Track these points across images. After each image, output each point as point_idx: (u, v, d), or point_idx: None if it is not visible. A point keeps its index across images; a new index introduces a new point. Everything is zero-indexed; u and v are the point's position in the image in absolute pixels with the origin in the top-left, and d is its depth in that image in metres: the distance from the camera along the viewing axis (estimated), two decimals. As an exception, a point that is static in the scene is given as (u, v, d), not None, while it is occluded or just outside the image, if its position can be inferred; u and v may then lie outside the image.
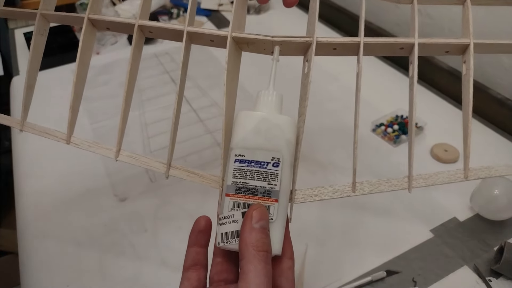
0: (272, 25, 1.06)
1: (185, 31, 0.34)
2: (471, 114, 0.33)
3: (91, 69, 0.81)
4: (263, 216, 0.28)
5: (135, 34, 0.36)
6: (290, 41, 0.34)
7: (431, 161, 0.63)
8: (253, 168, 0.29)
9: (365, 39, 0.33)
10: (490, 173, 0.35)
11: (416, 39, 0.33)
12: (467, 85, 0.33)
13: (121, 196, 0.59)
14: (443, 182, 0.34)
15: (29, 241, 0.54)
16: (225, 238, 0.29)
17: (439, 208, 0.56)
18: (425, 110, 0.70)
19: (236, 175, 0.30)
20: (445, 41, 0.33)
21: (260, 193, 0.29)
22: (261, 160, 0.29)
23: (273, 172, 0.29)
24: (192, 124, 0.73)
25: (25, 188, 0.62)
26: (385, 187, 0.34)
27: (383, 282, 0.47)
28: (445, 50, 0.34)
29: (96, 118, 0.75)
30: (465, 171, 0.34)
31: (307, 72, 0.33)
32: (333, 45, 0.34)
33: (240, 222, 0.29)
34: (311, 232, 0.53)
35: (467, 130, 0.34)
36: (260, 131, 0.30)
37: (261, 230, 0.28)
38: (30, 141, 0.69)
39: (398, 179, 0.34)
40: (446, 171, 0.35)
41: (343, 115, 0.73)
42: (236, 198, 0.29)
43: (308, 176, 0.62)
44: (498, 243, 0.50)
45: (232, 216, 0.29)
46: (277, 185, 0.29)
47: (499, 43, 0.34)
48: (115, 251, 0.52)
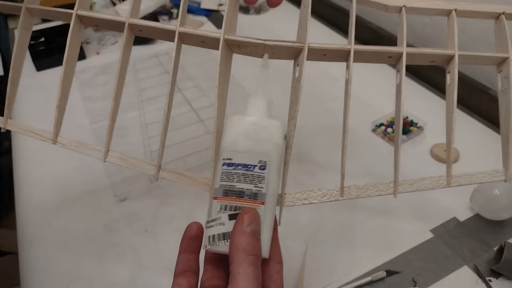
0: (272, 25, 1.06)
1: (176, 31, 0.34)
2: (455, 123, 0.34)
3: (91, 69, 0.80)
4: (254, 220, 0.28)
5: (125, 32, 0.35)
6: (282, 46, 0.34)
7: (431, 161, 0.63)
8: (240, 171, 0.30)
9: (355, 47, 0.33)
10: (472, 180, 0.36)
11: (404, 48, 0.33)
12: (451, 95, 0.34)
13: (121, 196, 0.59)
14: (427, 188, 0.35)
15: (29, 241, 0.54)
16: (212, 241, 0.29)
17: (439, 208, 0.56)
18: (425, 110, 0.70)
19: (223, 178, 0.30)
20: (431, 52, 0.34)
21: (247, 196, 0.29)
22: (248, 163, 0.30)
23: (259, 175, 0.30)
24: (192, 124, 0.73)
25: (25, 189, 0.62)
26: (372, 191, 0.35)
27: (383, 282, 0.47)
28: (431, 60, 0.36)
29: (96, 118, 0.75)
30: (447, 178, 0.35)
31: (298, 76, 0.33)
32: (323, 51, 0.34)
33: (227, 225, 0.29)
34: (311, 232, 0.53)
35: (450, 137, 0.35)
36: (249, 135, 0.30)
37: (251, 234, 0.28)
38: (30, 141, 0.69)
39: (384, 184, 0.35)
40: (430, 177, 0.36)
41: (342, 115, 0.73)
42: (223, 201, 0.30)
43: (307, 178, 0.61)
44: (498, 243, 0.50)
45: (220, 219, 0.29)
46: (264, 187, 0.30)
47: (483, 56, 0.35)
48: (115, 251, 0.52)
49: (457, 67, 0.34)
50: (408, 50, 0.34)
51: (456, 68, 0.34)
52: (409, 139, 0.68)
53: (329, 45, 0.34)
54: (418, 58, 0.35)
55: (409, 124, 0.69)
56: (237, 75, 0.84)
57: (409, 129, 0.68)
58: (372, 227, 0.54)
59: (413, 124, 0.69)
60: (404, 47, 0.34)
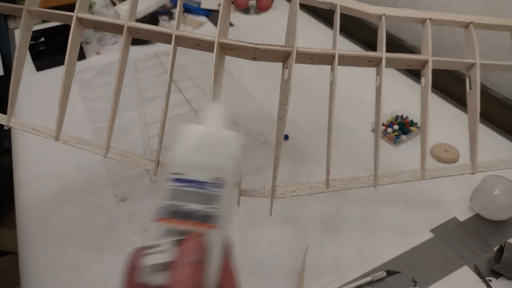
0: (272, 25, 1.06)
1: (173, 35, 0.36)
2: (428, 122, 0.37)
3: (91, 69, 0.80)
4: (200, 248, 0.25)
5: (124, 34, 0.37)
6: (272, 50, 0.36)
7: (431, 161, 0.63)
8: (189, 189, 0.26)
9: (340, 52, 0.36)
10: (443, 173, 0.40)
11: (383, 53, 0.37)
12: (425, 96, 0.38)
13: (121, 196, 0.59)
14: (404, 180, 0.39)
15: (29, 241, 0.54)
16: (150, 271, 0.25)
17: (439, 208, 0.56)
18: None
19: (169, 196, 0.26)
20: (408, 57, 0.38)
21: (196, 218, 0.25)
22: (200, 180, 0.26)
23: (213, 193, 0.26)
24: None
25: (25, 188, 0.62)
26: (355, 184, 0.38)
27: (383, 282, 0.47)
28: (408, 64, 0.39)
29: (96, 118, 0.75)
30: (421, 171, 0.39)
31: (288, 78, 0.35)
32: (310, 55, 0.36)
33: (168, 253, 0.25)
34: (311, 232, 0.53)
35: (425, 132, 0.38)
36: (202, 147, 0.26)
37: (194, 265, 0.24)
38: (30, 141, 0.69)
39: (365, 177, 0.38)
40: (406, 171, 0.39)
41: (342, 115, 0.73)
42: (167, 223, 0.25)
43: (307, 177, 0.61)
44: (498, 243, 0.50)
45: (160, 245, 0.25)
46: (218, 208, 0.26)
47: (454, 61, 0.39)
48: (115, 251, 0.52)
49: (430, 71, 0.37)
50: (387, 55, 0.37)
51: (430, 72, 0.37)
52: (409, 139, 0.68)
53: (315, 50, 0.36)
54: (396, 62, 0.38)
55: (409, 124, 0.69)
56: (237, 75, 0.84)
57: (409, 129, 0.68)
58: (372, 227, 0.54)
59: (413, 124, 0.69)
60: (383, 52, 0.37)
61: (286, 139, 0.69)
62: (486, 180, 0.54)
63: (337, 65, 0.36)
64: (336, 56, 0.36)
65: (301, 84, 0.74)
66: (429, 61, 0.37)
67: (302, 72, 0.71)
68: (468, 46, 0.40)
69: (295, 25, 0.36)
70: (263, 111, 0.75)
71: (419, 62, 0.38)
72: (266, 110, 0.75)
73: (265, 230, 0.53)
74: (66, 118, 0.39)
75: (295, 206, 0.56)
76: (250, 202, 0.42)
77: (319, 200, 0.57)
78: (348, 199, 0.57)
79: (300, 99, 0.74)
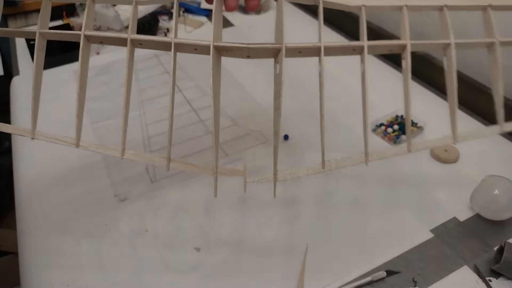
0: (271, 25, 1.06)
1: (172, 43, 0.39)
2: (411, 101, 0.42)
3: (91, 69, 0.81)
4: None
5: (128, 46, 0.41)
6: (263, 48, 0.39)
7: (431, 160, 0.63)
8: None
9: (325, 44, 0.39)
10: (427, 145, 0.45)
11: (365, 42, 0.40)
12: (406, 77, 0.41)
13: (121, 196, 0.59)
14: (391, 155, 0.43)
15: (29, 241, 0.54)
16: None
17: (439, 208, 0.56)
18: (425, 110, 0.70)
19: None
20: (388, 43, 0.42)
21: None
22: None
23: None
24: (192, 124, 0.73)
25: (25, 188, 0.62)
26: (347, 162, 0.43)
27: (383, 282, 0.47)
28: (389, 49, 0.42)
29: (96, 118, 0.75)
30: (408, 146, 0.43)
31: (279, 73, 0.38)
32: (299, 49, 0.39)
33: None
34: (311, 232, 0.53)
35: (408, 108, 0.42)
36: None
37: None
38: (30, 141, 0.69)
39: (357, 155, 0.43)
40: (393, 148, 0.46)
41: (342, 114, 0.73)
42: None
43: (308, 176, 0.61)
44: (498, 243, 0.50)
45: None
46: None
47: (431, 43, 0.42)
48: (115, 251, 0.52)
49: (409, 54, 0.41)
50: (368, 43, 0.40)
51: (409, 55, 0.41)
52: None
53: (302, 44, 0.39)
54: (378, 49, 0.42)
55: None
56: (236, 75, 0.84)
57: (409, 129, 0.68)
58: (372, 227, 0.54)
59: (413, 124, 0.69)
60: (365, 41, 0.40)
61: (286, 139, 0.69)
62: (486, 180, 0.54)
63: (323, 56, 0.39)
64: (322, 48, 0.39)
65: (302, 85, 0.74)
66: (407, 45, 0.41)
67: (303, 73, 0.72)
68: (443, 28, 0.43)
69: (282, 24, 0.39)
70: (263, 111, 0.75)
71: (399, 46, 0.41)
72: (266, 110, 0.75)
73: (265, 230, 0.54)
74: (66, 118, 0.39)
75: (295, 206, 0.56)
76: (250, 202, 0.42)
77: (319, 200, 0.58)
78: (348, 199, 0.57)
79: (300, 99, 0.74)
